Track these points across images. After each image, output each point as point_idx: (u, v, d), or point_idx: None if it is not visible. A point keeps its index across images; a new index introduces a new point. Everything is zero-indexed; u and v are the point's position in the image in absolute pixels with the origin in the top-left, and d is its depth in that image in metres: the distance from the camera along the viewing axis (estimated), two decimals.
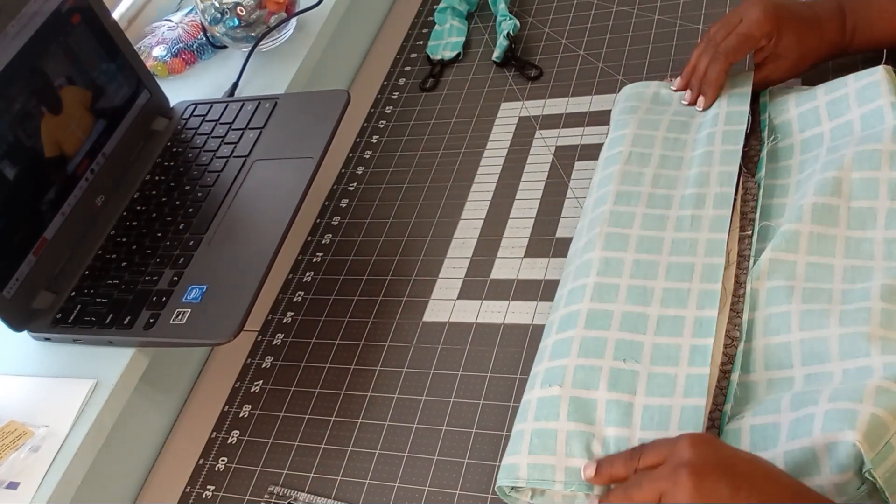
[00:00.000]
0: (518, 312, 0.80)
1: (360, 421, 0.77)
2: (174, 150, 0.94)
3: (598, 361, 0.65)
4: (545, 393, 0.65)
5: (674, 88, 0.87)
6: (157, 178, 0.91)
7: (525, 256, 0.85)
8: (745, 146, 0.78)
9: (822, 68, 0.86)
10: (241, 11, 1.01)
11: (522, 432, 0.64)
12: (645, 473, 0.56)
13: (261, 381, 0.84)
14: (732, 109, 0.80)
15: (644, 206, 0.75)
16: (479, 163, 0.96)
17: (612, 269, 0.71)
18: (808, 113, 0.79)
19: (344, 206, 0.98)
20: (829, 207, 0.69)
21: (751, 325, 0.66)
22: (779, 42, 0.81)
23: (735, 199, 0.74)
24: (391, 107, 1.08)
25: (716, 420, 0.63)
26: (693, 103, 0.84)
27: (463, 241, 0.89)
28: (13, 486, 0.70)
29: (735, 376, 0.64)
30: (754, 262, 0.70)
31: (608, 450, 0.61)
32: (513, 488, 0.64)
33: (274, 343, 0.87)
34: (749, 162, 0.79)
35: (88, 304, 0.80)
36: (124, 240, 0.85)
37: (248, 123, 0.93)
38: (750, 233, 0.73)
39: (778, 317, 0.65)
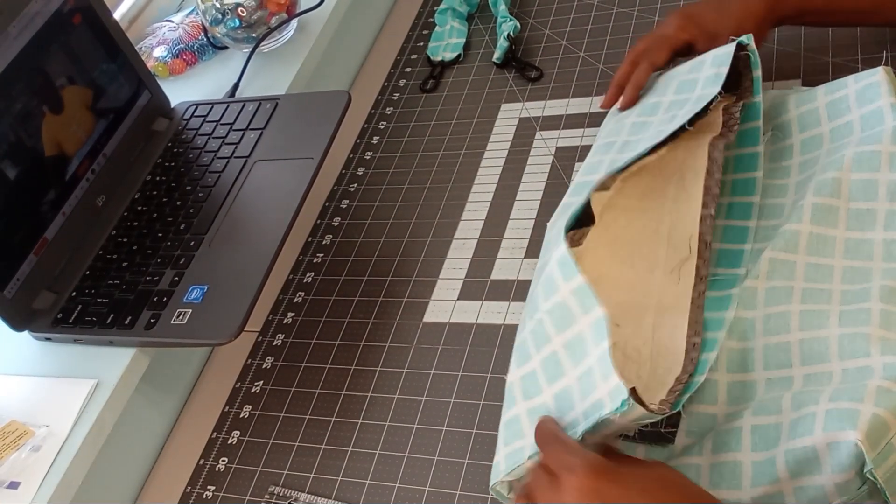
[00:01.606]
0: (518, 313, 0.80)
1: (360, 421, 0.77)
2: (175, 150, 0.94)
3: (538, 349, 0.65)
4: (506, 387, 0.66)
5: (601, 106, 0.88)
6: (157, 178, 0.91)
7: (525, 257, 0.85)
8: (727, 116, 0.76)
9: (821, 68, 0.86)
10: (242, 12, 1.01)
11: (499, 431, 0.65)
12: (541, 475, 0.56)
13: (261, 382, 0.84)
14: (709, 74, 0.79)
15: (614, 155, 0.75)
16: (479, 164, 0.96)
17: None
18: (807, 114, 0.79)
19: (344, 206, 0.98)
20: (829, 208, 0.69)
21: (750, 324, 0.66)
22: (703, 26, 0.83)
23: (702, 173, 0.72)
24: (392, 108, 1.08)
25: (682, 384, 0.63)
26: (613, 104, 0.86)
27: (463, 241, 0.89)
28: (14, 485, 0.70)
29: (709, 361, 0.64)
30: (717, 252, 0.70)
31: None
32: (505, 486, 0.64)
33: (274, 343, 0.87)
34: (728, 130, 0.76)
35: (89, 304, 0.80)
36: (125, 240, 0.85)
37: (248, 124, 0.93)
38: (712, 211, 0.71)
39: (777, 316, 0.65)
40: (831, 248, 0.68)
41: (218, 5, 1.01)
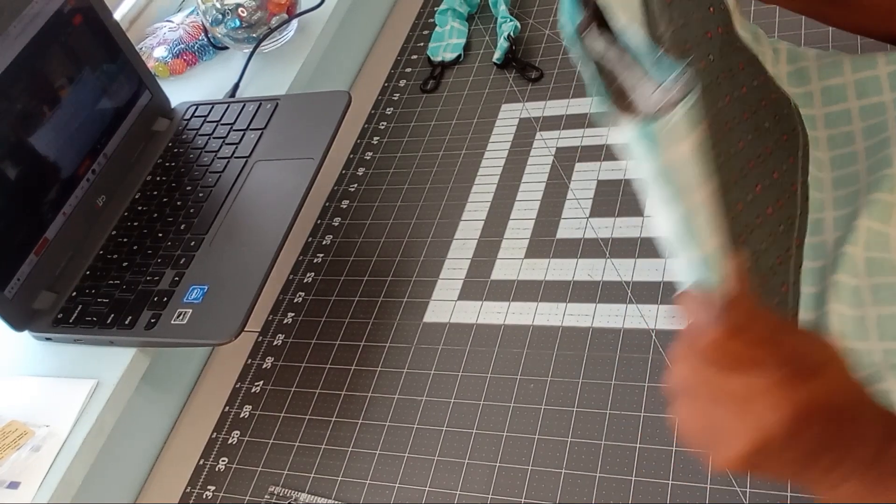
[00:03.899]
0: (518, 313, 0.80)
1: (360, 421, 0.77)
2: (175, 150, 0.94)
3: None
4: None
5: None
6: (158, 178, 0.91)
7: (525, 257, 0.85)
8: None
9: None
10: (243, 12, 1.01)
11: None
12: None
13: (261, 382, 0.84)
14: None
15: None
16: (479, 164, 0.96)
17: None
18: (867, 80, 0.75)
19: (345, 206, 0.98)
20: None
21: (856, 291, 0.64)
22: None
23: None
24: (392, 108, 1.08)
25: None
26: None
27: (463, 242, 0.89)
28: (14, 485, 0.70)
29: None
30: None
31: None
32: None
33: (275, 344, 0.87)
34: None
35: (90, 304, 0.80)
36: (125, 240, 0.86)
37: (249, 124, 0.93)
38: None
39: (886, 287, 0.64)
40: None
41: (218, 5, 1.01)
